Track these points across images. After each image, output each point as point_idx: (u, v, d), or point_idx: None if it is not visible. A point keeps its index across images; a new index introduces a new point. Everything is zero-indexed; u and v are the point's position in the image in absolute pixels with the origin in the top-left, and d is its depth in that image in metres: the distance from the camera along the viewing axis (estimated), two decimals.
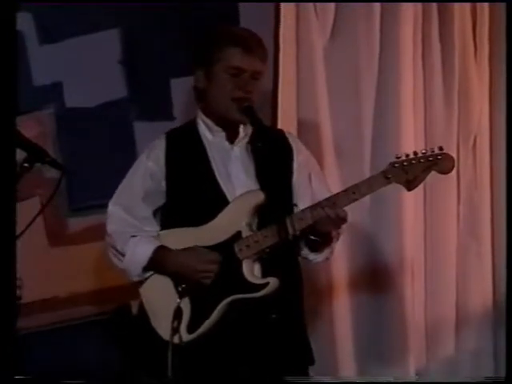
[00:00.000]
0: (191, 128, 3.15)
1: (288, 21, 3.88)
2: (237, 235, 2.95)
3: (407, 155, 2.91)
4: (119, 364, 3.52)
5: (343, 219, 2.92)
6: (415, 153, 2.92)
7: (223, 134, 3.11)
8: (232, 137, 3.11)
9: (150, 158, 3.11)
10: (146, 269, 3.02)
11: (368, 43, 4.03)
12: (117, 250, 3.07)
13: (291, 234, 2.93)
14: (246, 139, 3.10)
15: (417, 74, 4.11)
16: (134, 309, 3.35)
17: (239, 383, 2.96)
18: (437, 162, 2.90)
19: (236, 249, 2.94)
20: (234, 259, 2.93)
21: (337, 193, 2.95)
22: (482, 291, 4.25)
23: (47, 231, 3.64)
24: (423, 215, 4.18)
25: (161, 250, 3.02)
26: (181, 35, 3.72)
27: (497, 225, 4.24)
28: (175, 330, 2.87)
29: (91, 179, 3.66)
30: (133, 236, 3.05)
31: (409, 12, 4.05)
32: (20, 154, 2.52)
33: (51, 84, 3.64)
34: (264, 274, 2.95)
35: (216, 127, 3.11)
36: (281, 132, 3.25)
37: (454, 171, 3.27)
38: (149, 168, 3.10)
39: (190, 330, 2.92)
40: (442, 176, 2.95)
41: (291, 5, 3.90)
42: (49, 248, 3.66)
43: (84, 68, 3.66)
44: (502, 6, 3.98)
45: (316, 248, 3.06)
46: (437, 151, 2.91)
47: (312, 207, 2.93)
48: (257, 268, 2.96)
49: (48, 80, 3.64)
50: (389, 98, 4.04)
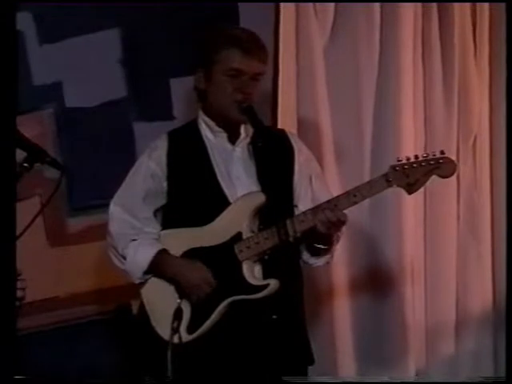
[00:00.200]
0: (192, 128, 3.15)
1: (288, 21, 3.88)
2: (237, 236, 2.95)
3: (408, 159, 2.91)
4: (119, 364, 3.52)
5: (343, 222, 2.93)
6: (416, 156, 2.91)
7: (225, 135, 3.11)
8: (233, 137, 3.10)
9: (152, 159, 3.10)
10: (147, 272, 3.03)
11: (368, 43, 4.02)
12: (117, 252, 3.07)
13: (292, 236, 2.93)
14: (248, 140, 3.10)
15: (417, 74, 4.10)
16: (135, 309, 3.35)
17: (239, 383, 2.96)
18: (438, 166, 2.90)
19: (236, 250, 2.94)
20: (235, 260, 2.93)
21: (337, 195, 2.94)
22: (482, 292, 4.24)
23: (47, 231, 3.64)
24: (423, 216, 4.17)
25: (162, 255, 3.01)
26: (181, 35, 3.72)
27: (497, 225, 4.23)
28: (175, 331, 2.87)
29: (91, 179, 3.66)
30: (133, 240, 3.04)
31: (409, 12, 4.04)
32: (20, 154, 2.51)
33: (51, 84, 3.64)
34: (264, 276, 2.95)
35: (217, 128, 3.10)
36: (283, 132, 3.25)
37: None
38: (150, 168, 3.09)
39: (190, 331, 2.92)
40: None
41: (291, 5, 3.89)
42: (49, 248, 3.67)
43: (84, 68, 3.66)
44: (502, 6, 3.97)
45: (317, 252, 3.06)
46: (438, 155, 2.90)
47: (313, 210, 2.92)
48: (257, 269, 2.95)
49: (48, 80, 3.64)
50: (389, 98, 4.04)
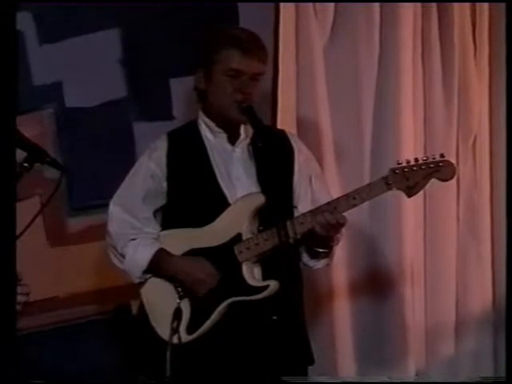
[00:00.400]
0: (192, 129, 3.14)
1: (288, 21, 3.88)
2: (237, 237, 2.95)
3: (408, 161, 2.91)
4: (119, 364, 3.52)
5: (342, 225, 2.93)
6: (416, 159, 2.92)
7: (224, 136, 3.10)
8: (233, 138, 3.10)
9: (152, 159, 3.10)
10: (146, 271, 3.03)
11: (368, 43, 4.02)
12: (117, 251, 3.07)
13: (291, 238, 2.93)
14: (247, 140, 3.10)
15: (417, 74, 4.10)
16: (134, 309, 3.35)
17: None
18: (438, 169, 2.90)
19: (236, 251, 2.94)
20: (234, 261, 2.93)
21: (337, 198, 2.95)
22: (482, 292, 4.24)
23: (47, 231, 3.64)
24: (423, 217, 4.17)
25: (161, 254, 3.02)
26: (181, 35, 3.72)
27: (497, 225, 4.24)
28: (175, 331, 2.87)
29: (91, 179, 3.66)
30: (132, 239, 3.04)
31: (408, 12, 4.04)
32: (20, 154, 2.51)
33: (51, 84, 3.64)
34: (264, 277, 2.95)
35: (217, 128, 3.10)
36: (282, 132, 3.25)
37: None
38: (150, 169, 3.09)
39: (190, 331, 2.92)
40: None
41: (291, 5, 3.89)
42: (49, 248, 3.67)
43: (84, 68, 3.66)
44: (502, 6, 3.97)
45: (316, 255, 3.06)
46: (438, 158, 2.91)
47: (312, 212, 2.92)
48: (257, 270, 2.95)
49: (48, 80, 3.64)
50: (389, 98, 4.04)
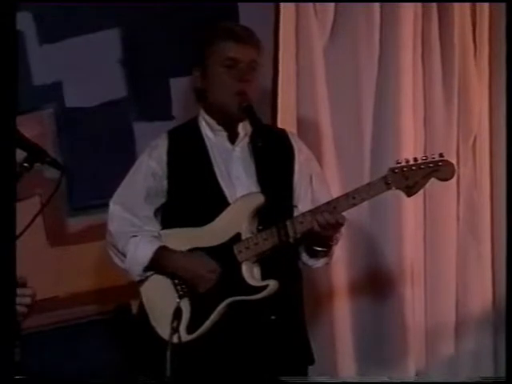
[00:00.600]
0: (193, 127, 3.15)
1: (288, 21, 3.88)
2: (236, 237, 2.95)
3: (407, 161, 2.92)
4: (119, 364, 3.52)
5: (342, 224, 2.93)
6: (415, 159, 2.93)
7: (225, 134, 3.11)
8: (233, 137, 3.10)
9: (152, 158, 3.10)
10: (147, 269, 3.03)
11: (368, 43, 4.02)
12: (118, 250, 3.07)
13: (291, 238, 2.93)
14: (247, 139, 3.10)
15: (417, 74, 4.10)
16: (134, 308, 3.35)
17: None
18: (437, 169, 2.92)
19: (236, 251, 2.94)
20: (234, 261, 2.93)
21: (337, 197, 2.95)
22: (482, 292, 4.24)
23: (47, 231, 3.63)
24: (423, 216, 4.17)
25: (162, 251, 3.02)
26: (181, 35, 3.72)
27: (497, 225, 4.23)
28: (175, 330, 2.87)
29: (91, 179, 3.66)
30: (133, 236, 3.05)
31: (409, 12, 4.04)
32: (20, 154, 2.51)
33: (51, 84, 3.64)
34: (263, 277, 2.95)
35: (217, 126, 3.11)
36: (283, 131, 3.25)
37: None
38: (151, 167, 3.09)
39: (190, 331, 2.92)
40: None
41: (291, 5, 3.89)
42: (49, 248, 3.66)
43: (84, 68, 3.66)
44: (502, 6, 3.96)
45: (315, 254, 3.06)
46: (437, 158, 2.92)
47: (312, 211, 2.93)
48: (256, 270, 2.96)
49: (48, 80, 3.64)
50: (389, 98, 4.03)
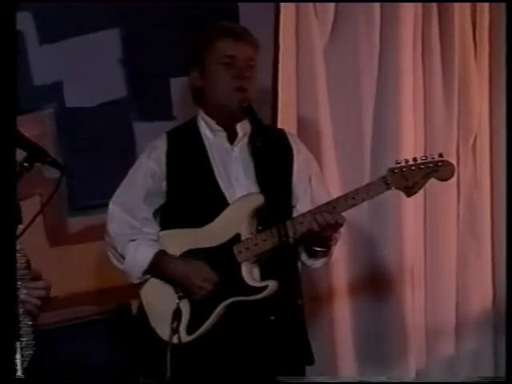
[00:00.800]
0: (192, 127, 3.15)
1: (288, 21, 3.88)
2: (236, 238, 2.95)
3: (407, 161, 2.94)
4: (119, 364, 3.52)
5: (341, 224, 2.94)
6: (415, 159, 2.94)
7: (224, 134, 3.11)
8: (232, 137, 3.10)
9: (152, 159, 3.10)
10: (146, 272, 3.03)
11: (368, 43, 4.02)
12: (116, 251, 3.07)
13: (291, 238, 2.93)
14: (246, 139, 3.10)
15: (417, 74, 4.10)
16: (134, 309, 3.35)
17: None
18: (437, 169, 2.93)
19: (235, 251, 2.94)
20: (233, 262, 2.94)
21: (336, 198, 2.96)
22: (482, 292, 4.24)
23: (47, 231, 3.63)
24: (423, 216, 4.16)
25: (161, 256, 3.02)
26: (181, 35, 3.71)
27: (497, 225, 4.23)
28: (174, 331, 2.87)
29: (91, 179, 3.66)
30: (132, 240, 3.05)
31: (409, 12, 4.04)
32: (20, 154, 2.51)
33: (51, 84, 3.65)
34: (263, 277, 2.95)
35: (217, 126, 3.11)
36: (282, 132, 3.25)
37: None
38: (150, 168, 3.10)
39: (189, 331, 2.93)
40: None
41: (291, 5, 3.89)
42: (49, 248, 3.66)
43: (84, 68, 3.66)
44: (502, 6, 3.96)
45: (314, 254, 3.06)
46: (437, 158, 2.93)
47: (311, 212, 2.93)
48: (256, 271, 2.96)
49: (48, 80, 3.64)
50: (389, 98, 4.03)
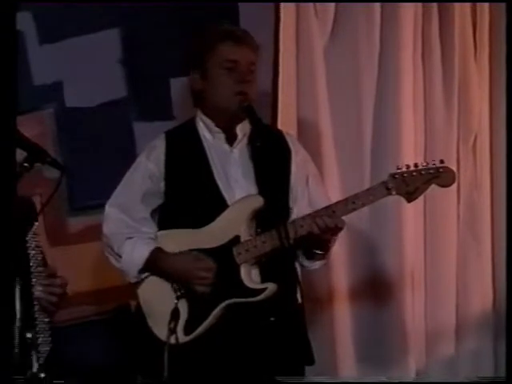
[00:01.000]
0: (190, 128, 3.14)
1: (288, 21, 3.88)
2: (235, 239, 2.95)
3: (408, 166, 2.96)
4: (118, 364, 3.52)
5: (341, 228, 2.95)
6: (416, 164, 2.97)
7: (222, 136, 3.10)
8: (231, 138, 3.10)
9: (150, 159, 3.10)
10: (143, 270, 3.03)
11: (368, 43, 4.02)
12: (113, 251, 3.07)
13: (291, 239, 2.93)
14: (245, 141, 3.10)
15: (417, 74, 4.10)
16: (133, 308, 3.35)
17: None
18: (438, 175, 2.96)
19: (234, 253, 2.94)
20: (232, 263, 2.94)
21: (336, 202, 2.97)
22: (482, 292, 4.24)
23: (47, 231, 3.63)
24: (423, 217, 4.16)
25: (157, 253, 3.01)
26: (181, 35, 3.71)
27: (497, 225, 4.23)
28: (172, 331, 2.86)
29: (91, 179, 3.66)
30: (129, 238, 3.04)
31: (409, 12, 4.04)
32: (20, 154, 2.51)
33: (51, 84, 3.65)
34: (262, 279, 2.95)
35: (216, 128, 3.10)
36: (280, 133, 3.25)
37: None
38: (149, 169, 3.09)
39: (187, 332, 2.93)
40: None
41: (291, 5, 3.90)
42: (49, 248, 3.66)
43: (84, 68, 3.66)
44: (502, 6, 3.97)
45: (313, 256, 3.07)
46: (438, 164, 2.96)
47: (311, 215, 2.94)
48: (255, 273, 2.96)
49: (48, 80, 3.64)
50: (389, 98, 4.04)
